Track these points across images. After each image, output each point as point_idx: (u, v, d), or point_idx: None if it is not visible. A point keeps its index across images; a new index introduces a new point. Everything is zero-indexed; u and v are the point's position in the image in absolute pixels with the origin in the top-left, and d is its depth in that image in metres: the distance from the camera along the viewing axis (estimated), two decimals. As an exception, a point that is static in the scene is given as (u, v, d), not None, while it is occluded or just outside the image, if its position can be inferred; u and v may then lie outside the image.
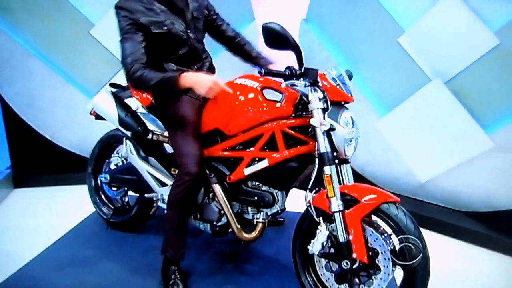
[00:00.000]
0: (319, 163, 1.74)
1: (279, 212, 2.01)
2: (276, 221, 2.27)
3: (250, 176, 1.94)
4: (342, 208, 1.69)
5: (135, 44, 1.86)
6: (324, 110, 1.74)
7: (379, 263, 1.68)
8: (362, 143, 1.93)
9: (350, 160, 1.82)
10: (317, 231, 1.77)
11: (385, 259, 1.66)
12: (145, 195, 2.34)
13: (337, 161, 1.75)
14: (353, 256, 1.68)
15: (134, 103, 2.29)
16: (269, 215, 2.01)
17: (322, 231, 1.74)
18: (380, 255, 1.68)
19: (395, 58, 3.04)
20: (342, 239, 1.69)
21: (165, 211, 2.05)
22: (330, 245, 1.76)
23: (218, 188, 2.02)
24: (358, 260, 1.68)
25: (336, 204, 1.69)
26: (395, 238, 1.69)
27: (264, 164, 1.87)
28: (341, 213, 1.69)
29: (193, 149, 1.96)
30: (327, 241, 1.75)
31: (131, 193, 2.60)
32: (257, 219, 2.02)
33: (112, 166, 2.52)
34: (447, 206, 3.11)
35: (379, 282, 1.69)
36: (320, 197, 1.77)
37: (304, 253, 1.91)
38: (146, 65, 1.85)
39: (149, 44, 1.90)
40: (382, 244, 1.67)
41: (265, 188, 1.97)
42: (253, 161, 1.92)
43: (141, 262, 2.25)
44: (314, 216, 1.79)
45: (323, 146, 1.72)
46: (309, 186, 1.79)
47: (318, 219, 1.77)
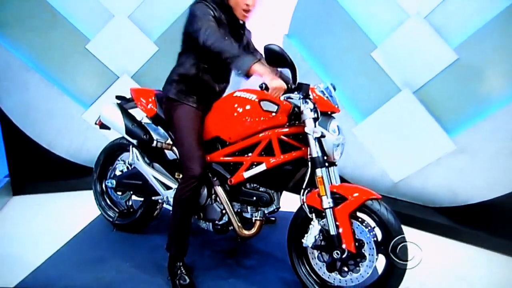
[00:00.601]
0: (311, 166, 1.90)
1: (275, 210, 2.14)
2: (269, 220, 2.39)
3: (249, 179, 2.07)
4: (332, 205, 1.85)
5: (210, 20, 1.95)
6: (315, 120, 1.89)
7: (365, 252, 1.85)
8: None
9: (337, 163, 1.98)
10: (310, 226, 1.92)
11: (370, 248, 1.83)
12: (152, 198, 2.42)
13: (327, 164, 1.90)
14: (343, 246, 1.83)
15: (138, 113, 2.40)
16: (266, 213, 2.15)
17: (315, 226, 1.90)
18: (365, 245, 1.85)
19: (369, 70, 3.21)
20: (333, 232, 1.84)
21: (171, 211, 2.14)
22: (322, 238, 1.91)
23: (220, 190, 2.14)
24: (347, 250, 1.83)
25: (327, 202, 1.85)
26: (378, 230, 1.87)
27: (262, 167, 2.01)
28: (331, 209, 1.85)
29: (197, 153, 2.07)
30: (319, 235, 1.90)
31: (135, 197, 2.66)
32: (255, 217, 2.14)
33: (118, 172, 2.59)
34: (417, 202, 3.26)
35: (365, 268, 1.86)
36: (313, 196, 1.93)
37: (298, 246, 2.05)
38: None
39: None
40: (367, 235, 1.84)
41: (262, 189, 2.10)
42: (251, 165, 2.05)
43: (148, 260, 2.32)
44: (307, 213, 1.94)
45: (315, 151, 1.87)
46: (303, 186, 1.95)
47: (311, 215, 1.92)
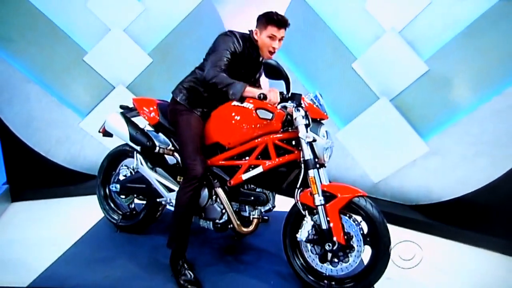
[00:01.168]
0: (304, 167, 2.04)
1: (271, 209, 2.28)
2: (262, 219, 2.47)
3: (247, 180, 2.19)
4: (323, 202, 1.99)
5: (225, 56, 2.14)
6: (307, 126, 2.04)
7: (353, 243, 2.00)
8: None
9: (326, 165, 2.14)
10: (303, 222, 2.06)
11: (358, 240, 1.99)
12: (157, 200, 2.51)
13: (318, 166, 2.05)
14: (334, 239, 1.97)
15: (141, 121, 2.51)
16: (262, 212, 2.28)
17: (308, 222, 2.04)
18: (353, 237, 2.00)
19: (350, 80, 3.36)
20: (325, 226, 1.99)
21: (173, 211, 2.23)
22: (314, 232, 2.05)
23: (221, 191, 2.25)
24: (338, 242, 1.97)
25: (319, 199, 1.99)
26: (364, 223, 2.02)
27: (259, 170, 2.14)
28: (322, 206, 1.99)
29: (198, 155, 2.19)
30: (311, 229, 2.04)
31: (137, 201, 2.74)
32: (253, 215, 2.27)
33: (121, 177, 2.66)
34: (396, 201, 3.39)
35: (353, 258, 2.01)
36: (305, 194, 2.07)
37: (292, 241, 2.18)
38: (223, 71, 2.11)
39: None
40: (355, 228, 2.00)
41: (259, 189, 2.23)
42: (249, 168, 2.18)
43: (152, 258, 2.41)
44: (301, 210, 2.08)
45: (308, 154, 2.02)
46: (297, 186, 2.09)
47: (304, 212, 2.07)
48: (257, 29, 2.22)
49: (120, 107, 2.66)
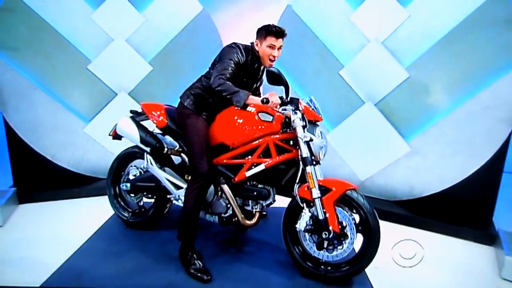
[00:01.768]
0: (302, 164, 2.21)
1: (272, 203, 2.43)
2: (262, 214, 2.64)
3: (250, 177, 2.35)
4: (320, 195, 2.16)
5: (229, 66, 2.29)
6: (304, 127, 2.21)
7: (347, 232, 2.18)
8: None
9: (321, 162, 2.31)
10: (301, 213, 2.23)
11: (351, 229, 2.17)
12: (167, 196, 2.64)
13: (314, 163, 2.22)
14: (330, 228, 2.15)
15: (150, 125, 2.64)
16: (264, 206, 2.43)
17: (306, 213, 2.21)
18: (347, 226, 2.18)
19: (337, 86, 3.54)
20: (321, 217, 2.16)
21: (182, 206, 2.37)
22: (312, 223, 2.22)
23: (226, 188, 2.40)
24: (333, 231, 2.15)
25: (316, 193, 2.16)
26: (356, 214, 2.20)
27: (261, 167, 2.30)
28: (319, 199, 2.16)
29: (205, 155, 2.34)
30: (309, 220, 2.21)
31: (145, 199, 2.85)
32: (255, 209, 2.42)
33: (131, 177, 2.78)
34: (381, 197, 3.56)
35: (347, 245, 2.19)
36: (303, 189, 2.24)
37: (292, 231, 2.34)
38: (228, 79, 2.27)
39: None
40: (348, 218, 2.18)
41: (261, 185, 2.39)
42: (252, 166, 2.33)
43: (161, 252, 2.52)
44: (299, 203, 2.24)
45: (305, 152, 2.19)
46: (296, 182, 2.26)
47: (303, 205, 2.24)
48: (258, 41, 2.40)
49: (131, 111, 2.78)
